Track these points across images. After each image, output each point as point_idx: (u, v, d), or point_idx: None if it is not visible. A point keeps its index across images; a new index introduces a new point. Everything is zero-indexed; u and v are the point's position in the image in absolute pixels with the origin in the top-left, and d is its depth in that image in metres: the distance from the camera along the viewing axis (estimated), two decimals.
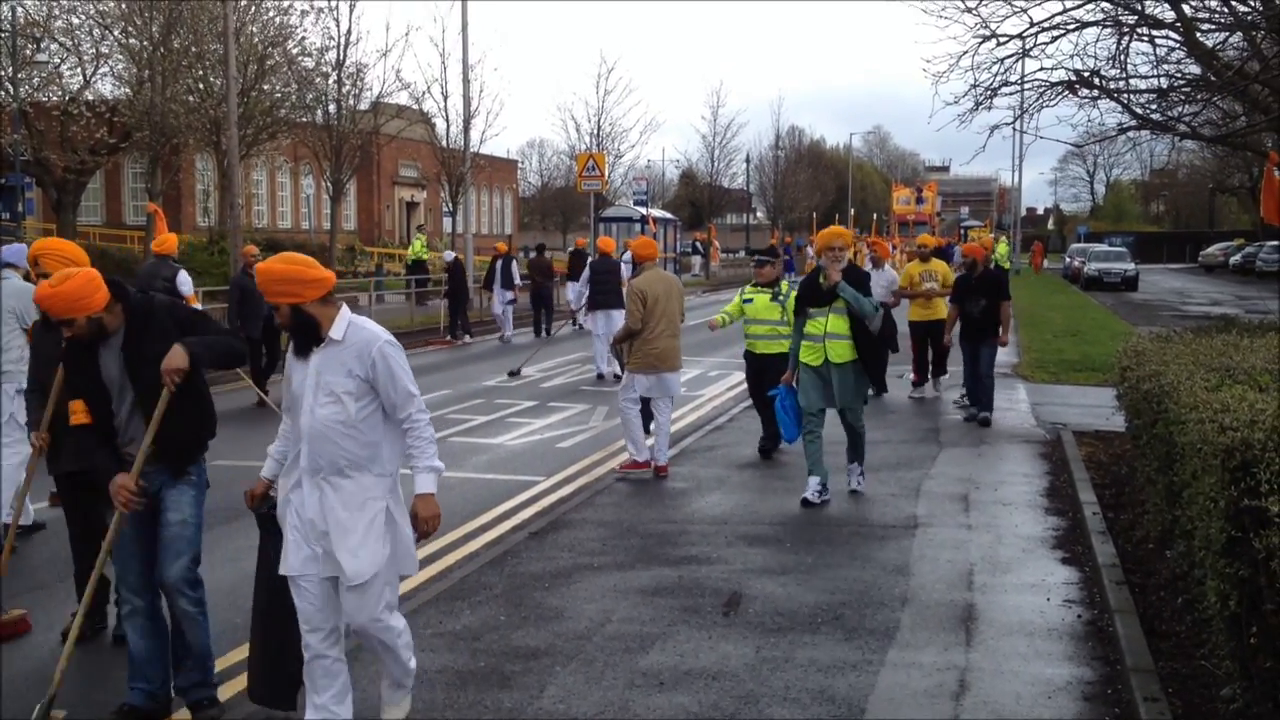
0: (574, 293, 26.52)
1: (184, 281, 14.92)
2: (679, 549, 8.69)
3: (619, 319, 17.82)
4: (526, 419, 14.98)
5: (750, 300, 12.09)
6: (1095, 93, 14.88)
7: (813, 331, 9.99)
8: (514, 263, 26.86)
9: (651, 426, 11.50)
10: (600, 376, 18.67)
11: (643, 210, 47.18)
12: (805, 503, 9.95)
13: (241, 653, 6.80)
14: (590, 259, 20.73)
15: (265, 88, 33.69)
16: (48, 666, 6.60)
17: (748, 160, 76.44)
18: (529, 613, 7.24)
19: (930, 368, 16.44)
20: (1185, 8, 13.96)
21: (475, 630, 6.93)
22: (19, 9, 29.15)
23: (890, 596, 7.52)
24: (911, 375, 16.62)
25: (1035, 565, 8.27)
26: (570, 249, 28.00)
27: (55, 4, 31.06)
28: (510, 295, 26.40)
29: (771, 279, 11.95)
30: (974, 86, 14.82)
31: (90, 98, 32.79)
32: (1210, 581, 5.55)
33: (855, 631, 6.86)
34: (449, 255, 28.88)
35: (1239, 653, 5.25)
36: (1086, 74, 14.64)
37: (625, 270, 19.17)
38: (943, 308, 15.79)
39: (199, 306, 14.79)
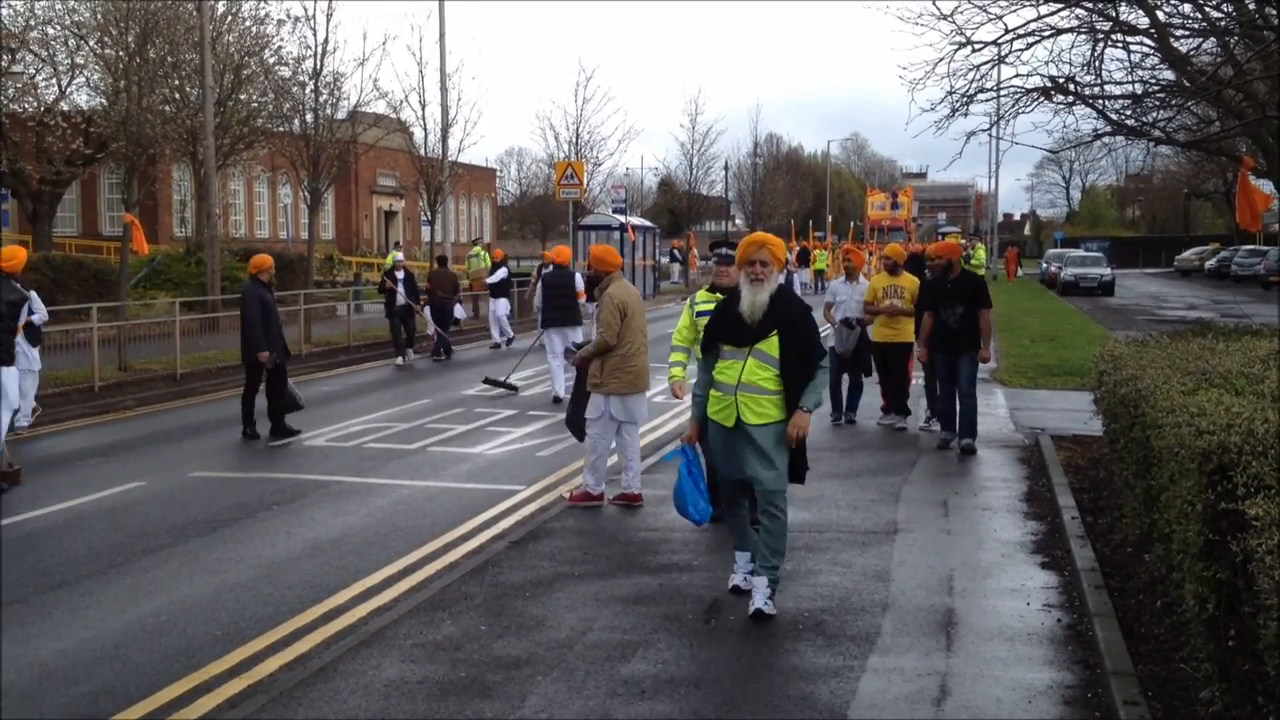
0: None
1: (38, 309, 14.26)
2: (660, 557, 8.68)
3: (574, 338, 16.69)
4: (506, 428, 14.95)
5: (706, 313, 8.54)
6: (1070, 99, 14.93)
7: (723, 379, 7.30)
8: (413, 276, 25.16)
9: (616, 454, 10.61)
10: (557, 399, 16.83)
11: (621, 218, 47.16)
12: (737, 590, 7.64)
13: (222, 664, 6.79)
14: (544, 271, 19.30)
15: (242, 97, 33.56)
16: (60, 663, 6.57)
17: (726, 168, 76.76)
18: (510, 622, 7.22)
19: (893, 396, 14.50)
20: (1159, 14, 14.04)
21: (456, 640, 6.91)
22: None
23: (871, 602, 7.53)
24: (880, 401, 14.76)
25: (1015, 570, 8.30)
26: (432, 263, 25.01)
27: (31, 15, 30.92)
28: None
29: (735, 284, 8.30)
30: (950, 93, 14.86)
31: (66, 108, 32.62)
32: (1188, 585, 5.58)
33: (836, 638, 6.86)
34: (399, 256, 25.83)
35: (1218, 655, 5.28)
36: (1062, 80, 14.70)
37: (578, 282, 17.37)
38: (909, 328, 14.05)
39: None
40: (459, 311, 26.36)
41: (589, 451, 10.48)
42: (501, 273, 27.03)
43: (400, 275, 24.10)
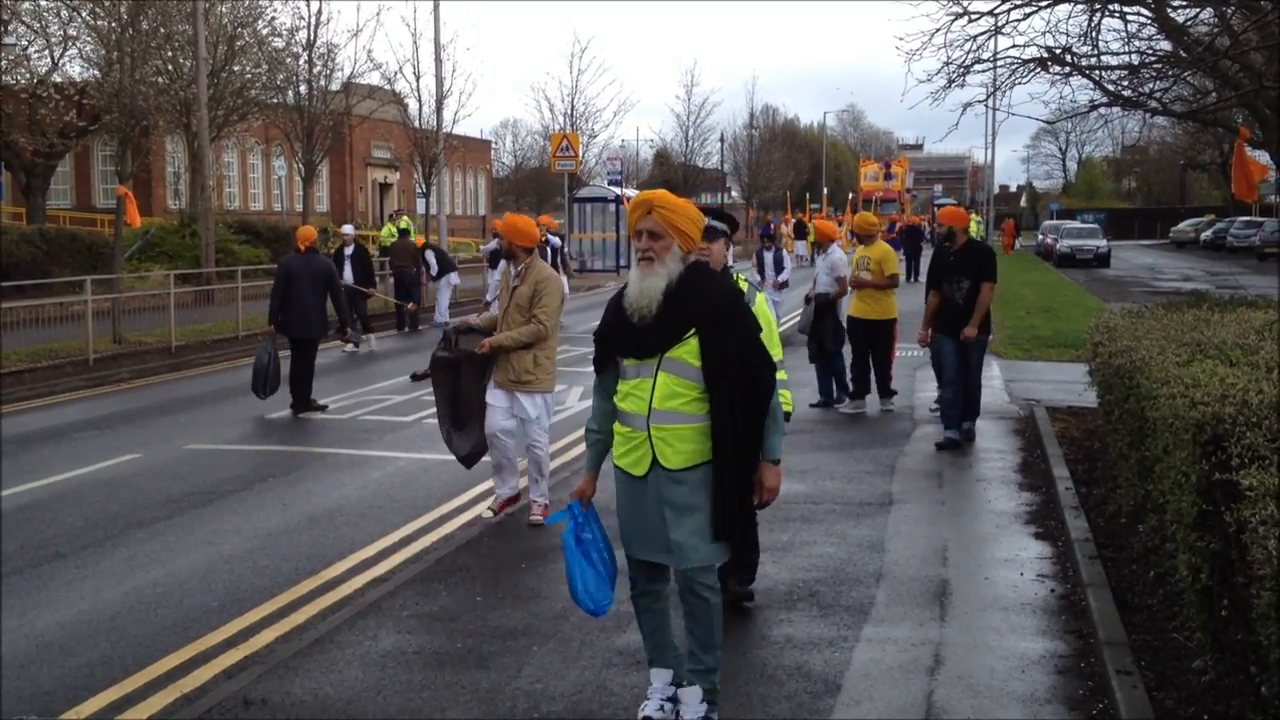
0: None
1: None
2: None
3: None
4: None
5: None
6: (1067, 69, 14.92)
7: (629, 408, 5.07)
8: (365, 251, 22.45)
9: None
10: None
11: (617, 190, 47.04)
12: None
13: (219, 635, 6.80)
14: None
15: (235, 69, 33.47)
16: (56, 635, 6.59)
17: (722, 139, 76.50)
18: (506, 593, 7.24)
19: (874, 379, 13.59)
20: None
21: (452, 611, 6.92)
22: None
23: (865, 573, 7.55)
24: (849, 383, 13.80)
25: (1009, 541, 8.32)
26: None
27: None
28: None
29: (721, 265, 6.11)
30: (946, 64, 14.85)
31: (59, 80, 32.48)
32: (1182, 555, 5.60)
33: (831, 608, 6.88)
34: (348, 230, 22.24)
35: (1210, 625, 5.30)
36: (1058, 51, 14.68)
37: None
38: (889, 304, 13.31)
39: None
40: (454, 279, 26.20)
41: (540, 463, 9.15)
42: (493, 244, 26.90)
43: (349, 251, 21.28)
